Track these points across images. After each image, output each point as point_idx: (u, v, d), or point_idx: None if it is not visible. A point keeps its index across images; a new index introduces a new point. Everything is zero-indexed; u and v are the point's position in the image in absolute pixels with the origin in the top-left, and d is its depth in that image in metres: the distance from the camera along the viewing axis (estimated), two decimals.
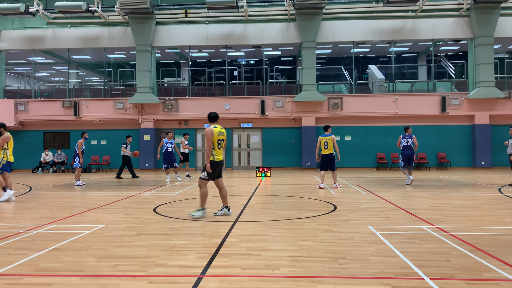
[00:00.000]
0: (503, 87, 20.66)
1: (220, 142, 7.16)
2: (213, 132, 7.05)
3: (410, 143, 12.62)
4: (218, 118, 7.38)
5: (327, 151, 11.82)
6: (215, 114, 7.32)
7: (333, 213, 7.50)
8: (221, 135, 7.20)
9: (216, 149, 7.10)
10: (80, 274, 4.07)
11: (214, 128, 7.14)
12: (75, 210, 8.08)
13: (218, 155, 7.13)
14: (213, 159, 7.09)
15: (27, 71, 26.19)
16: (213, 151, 7.08)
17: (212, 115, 7.31)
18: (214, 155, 7.09)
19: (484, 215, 7.14)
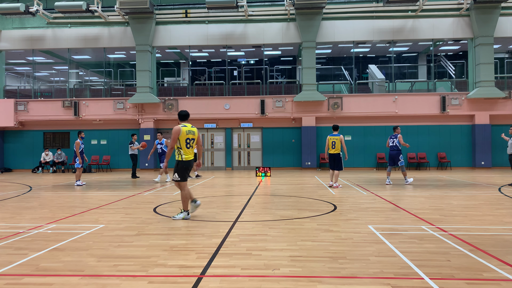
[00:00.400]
0: (503, 87, 20.66)
1: (188, 141, 6.97)
2: (181, 131, 6.89)
3: (395, 143, 12.51)
4: (188, 117, 7.21)
5: (334, 150, 11.99)
6: (185, 113, 7.18)
7: (333, 213, 7.50)
8: (191, 134, 7.01)
9: (185, 148, 6.93)
10: (80, 274, 4.07)
11: (183, 126, 6.96)
12: (75, 210, 8.08)
13: (186, 154, 6.95)
14: (181, 159, 6.92)
15: (27, 71, 26.18)
16: (181, 150, 6.91)
17: (182, 114, 7.16)
18: (182, 155, 6.91)
19: (484, 215, 7.14)
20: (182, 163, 6.95)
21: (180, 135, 6.89)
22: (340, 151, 11.99)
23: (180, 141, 6.90)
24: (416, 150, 20.72)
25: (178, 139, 6.89)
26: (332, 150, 12.01)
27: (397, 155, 12.47)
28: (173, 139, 6.89)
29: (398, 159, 12.47)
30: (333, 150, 12.00)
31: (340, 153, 11.99)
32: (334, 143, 11.97)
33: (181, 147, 6.93)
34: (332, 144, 12.00)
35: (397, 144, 12.46)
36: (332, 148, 11.99)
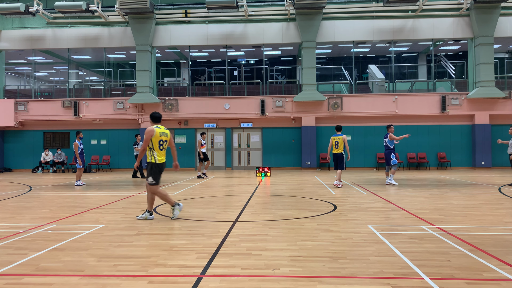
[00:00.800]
0: (503, 87, 20.66)
1: (162, 143, 6.88)
2: (154, 132, 6.78)
3: (387, 142, 12.34)
4: (161, 119, 7.11)
5: (337, 150, 12.28)
6: (158, 115, 7.05)
7: (333, 213, 7.50)
8: (164, 135, 6.92)
9: (158, 150, 6.83)
10: (80, 274, 4.07)
11: (156, 128, 6.86)
12: (75, 210, 8.08)
13: (160, 156, 6.86)
14: (154, 161, 6.81)
15: (27, 71, 26.18)
16: (154, 152, 6.80)
17: (155, 115, 7.04)
18: (156, 156, 6.81)
19: (484, 215, 7.14)
20: (156, 165, 6.84)
21: (153, 136, 6.78)
22: (343, 151, 12.25)
23: (153, 143, 6.79)
24: (416, 150, 20.72)
25: (151, 140, 6.78)
26: (336, 150, 12.29)
27: (389, 154, 12.31)
28: (146, 140, 6.76)
29: (389, 158, 12.29)
30: (336, 150, 12.29)
31: (343, 153, 12.26)
32: (338, 143, 12.23)
33: (154, 149, 6.81)
34: (336, 144, 12.26)
35: (388, 144, 12.26)
36: (336, 148, 12.27)
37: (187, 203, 8.97)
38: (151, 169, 6.85)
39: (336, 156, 12.33)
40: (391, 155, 12.28)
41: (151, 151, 6.83)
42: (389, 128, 12.47)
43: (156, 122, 7.05)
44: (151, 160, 6.83)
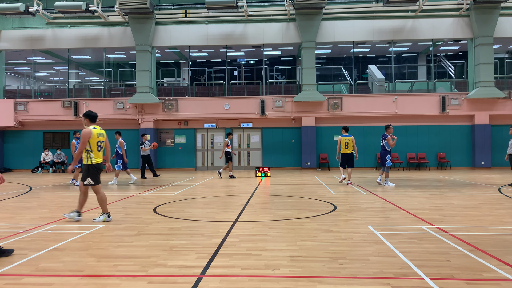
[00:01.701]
0: (503, 87, 20.67)
1: (100, 143, 6.77)
2: (92, 134, 6.64)
3: (384, 143, 12.18)
4: (97, 118, 6.95)
5: (347, 150, 12.73)
6: (94, 114, 6.87)
7: (333, 213, 7.50)
8: (101, 136, 6.82)
9: (95, 152, 6.71)
10: (80, 274, 4.07)
11: (93, 129, 6.71)
12: None
13: (97, 157, 6.74)
14: (91, 162, 6.67)
15: (27, 71, 26.18)
16: (92, 153, 6.68)
17: (92, 115, 6.84)
18: (93, 158, 6.68)
19: (484, 215, 7.14)
20: (93, 167, 6.71)
21: (91, 138, 6.64)
22: (352, 150, 12.75)
23: (90, 144, 6.66)
24: (416, 150, 20.73)
25: (88, 142, 6.64)
26: (346, 150, 12.76)
27: (384, 155, 12.17)
28: (83, 142, 6.62)
29: (385, 159, 12.14)
30: (346, 150, 12.75)
31: (353, 153, 12.78)
32: (347, 144, 12.76)
33: (92, 150, 6.69)
34: (345, 145, 12.74)
35: (385, 145, 12.15)
36: (345, 148, 12.73)
37: (187, 203, 8.98)
38: (88, 170, 6.69)
39: (346, 156, 12.77)
40: (387, 156, 12.17)
41: (88, 152, 6.68)
42: (388, 129, 12.34)
43: (92, 122, 6.87)
44: (87, 161, 6.68)
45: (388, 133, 12.25)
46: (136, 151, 21.61)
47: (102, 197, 6.84)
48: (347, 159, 12.76)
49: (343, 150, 12.73)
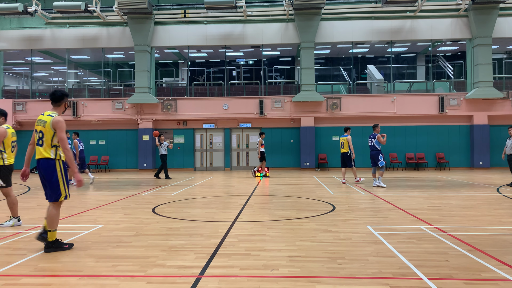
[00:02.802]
0: (501, 87, 20.71)
1: (13, 144, 6.42)
2: (7, 133, 6.27)
3: (373, 143, 12.07)
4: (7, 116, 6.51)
5: (343, 150, 13.29)
6: (5, 112, 6.45)
7: (331, 213, 7.50)
8: (14, 136, 6.47)
9: (9, 152, 6.37)
10: (78, 274, 4.07)
11: (7, 128, 6.34)
12: (74, 210, 8.06)
13: (9, 158, 6.39)
14: (3, 163, 6.31)
15: (26, 71, 26.14)
16: (5, 154, 6.31)
17: (3, 112, 6.40)
18: (5, 159, 6.32)
19: (483, 215, 7.15)
20: (6, 168, 6.34)
21: (6, 137, 6.28)
22: (348, 150, 13.17)
23: (4, 144, 6.30)
24: (415, 151, 20.75)
25: (2, 142, 6.27)
26: (342, 149, 13.29)
27: (377, 155, 12.02)
28: None
29: (377, 159, 12.01)
30: (342, 149, 13.30)
31: (348, 152, 13.19)
32: (343, 144, 13.27)
33: (5, 151, 6.32)
34: (341, 144, 13.28)
35: (375, 144, 12.04)
36: (342, 148, 13.27)
37: (186, 204, 8.98)
38: (0, 172, 6.36)
39: (342, 155, 13.36)
40: (379, 156, 11.99)
41: (0, 153, 6.30)
42: (376, 128, 12.22)
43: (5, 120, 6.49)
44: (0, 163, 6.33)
45: (376, 132, 12.17)
46: (135, 151, 21.61)
47: (13, 200, 6.47)
48: (344, 159, 13.34)
49: (341, 150, 13.39)
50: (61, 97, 5.10)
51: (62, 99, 5.11)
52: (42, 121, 4.96)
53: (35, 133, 5.06)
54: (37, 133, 5.00)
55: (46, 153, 4.99)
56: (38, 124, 5.00)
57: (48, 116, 4.94)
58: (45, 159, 5.01)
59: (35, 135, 5.05)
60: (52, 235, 4.92)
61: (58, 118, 4.91)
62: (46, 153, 5.00)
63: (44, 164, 5.01)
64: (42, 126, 4.95)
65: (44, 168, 5.02)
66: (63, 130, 4.89)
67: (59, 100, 5.10)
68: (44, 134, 4.94)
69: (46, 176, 5.03)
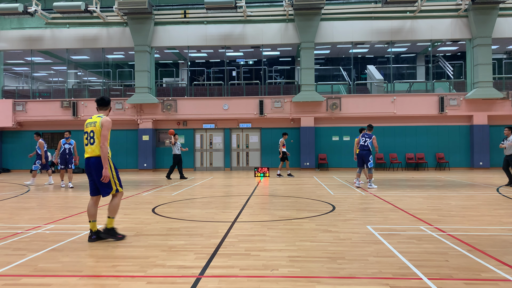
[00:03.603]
0: (501, 88, 20.71)
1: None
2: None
3: (368, 143, 11.83)
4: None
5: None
6: None
7: (331, 213, 7.50)
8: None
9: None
10: (78, 274, 4.07)
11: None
12: (74, 211, 8.06)
13: None
14: None
15: (26, 71, 26.14)
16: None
17: None
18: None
19: (483, 215, 7.15)
20: None
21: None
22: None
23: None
24: (415, 151, 20.75)
25: None
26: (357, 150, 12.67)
27: (367, 155, 11.81)
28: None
29: (368, 160, 11.81)
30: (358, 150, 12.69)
31: None
32: None
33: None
34: None
35: (369, 144, 11.82)
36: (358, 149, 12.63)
37: (186, 204, 8.97)
38: None
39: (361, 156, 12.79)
40: (369, 156, 11.82)
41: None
42: (371, 129, 12.09)
43: None
44: None
45: (370, 132, 12.01)
46: (135, 151, 21.61)
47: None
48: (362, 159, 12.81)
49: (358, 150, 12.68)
50: (107, 102, 5.67)
51: (108, 104, 5.68)
52: (92, 123, 5.45)
53: (84, 135, 5.51)
54: (88, 134, 5.43)
55: (98, 151, 5.37)
56: (88, 126, 5.46)
57: (98, 117, 5.46)
58: (96, 157, 5.37)
59: (84, 137, 5.50)
60: (111, 222, 5.49)
61: (107, 118, 5.46)
62: (96, 151, 5.38)
63: (95, 162, 5.36)
64: (93, 126, 5.41)
65: (94, 165, 5.37)
66: (108, 129, 5.37)
67: (106, 104, 5.66)
68: (95, 133, 5.38)
69: (97, 173, 5.37)
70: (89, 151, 5.43)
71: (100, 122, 5.37)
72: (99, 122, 5.38)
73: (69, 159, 13.11)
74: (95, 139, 5.37)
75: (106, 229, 5.49)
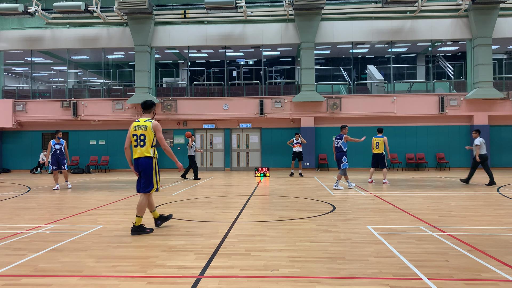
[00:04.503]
0: (501, 88, 20.70)
1: None
2: None
3: (340, 144, 11.75)
4: None
5: (378, 150, 13.25)
6: None
7: (332, 213, 7.50)
8: None
9: None
10: (78, 274, 4.07)
11: None
12: (74, 211, 8.06)
13: None
14: None
15: (26, 71, 26.15)
16: None
17: None
18: None
19: (483, 216, 7.15)
20: None
21: None
22: (383, 151, 13.21)
23: None
24: (415, 151, 20.74)
25: None
26: (376, 150, 13.23)
27: (341, 156, 11.74)
28: None
29: (341, 161, 11.73)
30: (377, 150, 13.23)
31: (383, 153, 13.23)
32: (378, 144, 13.22)
33: None
34: (376, 145, 13.24)
35: (341, 145, 11.75)
36: (376, 148, 13.24)
37: (186, 204, 8.97)
38: None
39: (376, 156, 13.28)
40: (343, 158, 11.72)
41: None
42: (344, 129, 11.99)
43: None
44: None
45: (343, 133, 11.90)
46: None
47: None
48: (377, 159, 13.31)
49: (374, 150, 13.31)
50: (151, 106, 6.09)
51: (151, 107, 6.10)
52: (142, 126, 5.87)
53: (132, 137, 5.91)
54: (138, 136, 5.87)
55: (147, 152, 5.87)
56: (138, 129, 5.87)
57: (146, 121, 5.89)
58: (145, 157, 5.87)
59: (133, 139, 5.91)
60: (139, 220, 5.85)
61: (156, 122, 5.92)
62: (146, 153, 5.87)
63: (144, 162, 5.87)
64: (143, 130, 5.85)
65: (143, 165, 5.87)
66: (161, 131, 5.93)
67: (150, 107, 6.08)
68: (146, 137, 5.84)
69: (144, 172, 5.88)
70: (138, 152, 5.88)
71: (151, 128, 5.83)
72: (150, 127, 5.82)
73: (61, 160, 12.61)
74: (145, 142, 5.84)
75: (135, 227, 5.84)
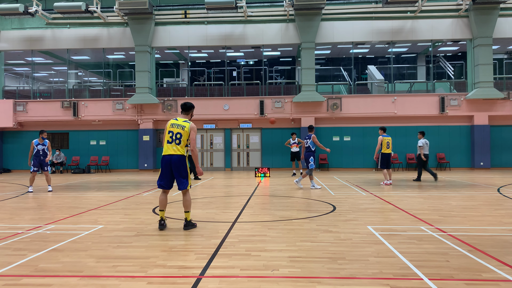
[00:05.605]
0: (502, 88, 20.70)
1: None
2: None
3: (309, 144, 11.70)
4: None
5: (388, 150, 12.85)
6: None
7: (332, 213, 7.50)
8: None
9: None
10: (79, 274, 4.07)
11: None
12: (74, 211, 8.07)
13: None
14: None
15: (26, 71, 26.15)
16: None
17: None
18: None
19: (483, 216, 7.14)
20: None
21: None
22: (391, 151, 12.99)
23: None
24: (415, 151, 20.69)
25: None
26: (388, 150, 12.81)
27: (309, 156, 11.69)
28: None
29: (308, 161, 11.64)
30: (388, 150, 12.82)
31: (391, 153, 13.06)
32: (388, 143, 12.82)
33: None
34: (387, 144, 12.79)
35: (310, 145, 11.69)
36: (387, 148, 12.86)
37: None
38: None
39: (389, 156, 12.88)
40: (310, 158, 11.68)
41: None
42: (312, 130, 11.97)
43: None
44: None
45: (311, 133, 11.86)
46: (136, 151, 21.61)
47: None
48: (390, 159, 13.00)
49: (386, 150, 12.77)
50: (190, 108, 6.36)
51: (191, 109, 6.36)
52: (179, 125, 6.07)
53: (167, 134, 6.09)
54: (173, 134, 6.05)
55: (182, 150, 6.06)
56: (174, 127, 6.08)
57: (185, 121, 6.11)
58: (180, 155, 6.03)
59: (168, 135, 6.08)
60: (188, 215, 6.22)
61: (194, 124, 6.17)
62: (181, 151, 6.05)
63: (178, 160, 6.03)
64: (181, 129, 6.06)
65: (176, 162, 6.03)
66: (196, 133, 6.14)
67: (189, 109, 6.35)
68: (182, 135, 6.05)
69: (178, 169, 6.05)
70: (173, 149, 6.03)
71: (189, 128, 6.05)
72: (188, 127, 6.04)
73: (43, 161, 11.95)
74: (181, 141, 6.04)
75: (187, 222, 6.17)
